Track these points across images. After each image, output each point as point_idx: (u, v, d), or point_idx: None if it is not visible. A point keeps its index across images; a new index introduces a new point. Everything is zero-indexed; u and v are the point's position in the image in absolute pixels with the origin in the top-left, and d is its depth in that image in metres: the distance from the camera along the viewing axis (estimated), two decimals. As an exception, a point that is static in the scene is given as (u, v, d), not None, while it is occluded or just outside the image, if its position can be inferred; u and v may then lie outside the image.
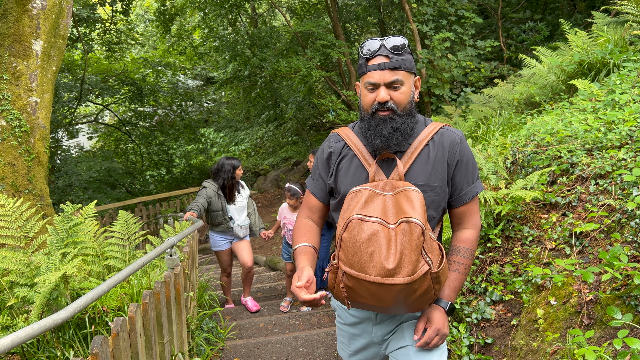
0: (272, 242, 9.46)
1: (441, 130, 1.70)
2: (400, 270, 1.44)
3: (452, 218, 1.79)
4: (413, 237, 1.45)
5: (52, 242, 3.05)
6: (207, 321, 3.93)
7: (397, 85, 1.58)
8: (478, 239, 1.78)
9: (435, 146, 1.67)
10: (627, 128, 3.23)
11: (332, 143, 1.78)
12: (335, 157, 1.75)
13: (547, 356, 2.51)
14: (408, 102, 1.62)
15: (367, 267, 1.45)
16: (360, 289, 1.49)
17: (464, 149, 1.69)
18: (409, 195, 1.53)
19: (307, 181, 1.89)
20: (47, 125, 5.79)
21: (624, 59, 4.64)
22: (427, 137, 1.67)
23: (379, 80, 1.57)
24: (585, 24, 8.49)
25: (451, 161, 1.67)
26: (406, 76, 1.60)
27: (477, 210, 1.76)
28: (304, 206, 1.88)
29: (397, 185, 1.57)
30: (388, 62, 1.57)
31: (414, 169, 1.65)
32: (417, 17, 9.72)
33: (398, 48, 1.58)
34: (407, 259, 1.44)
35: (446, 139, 1.68)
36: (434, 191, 1.65)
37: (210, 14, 13.50)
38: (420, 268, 1.46)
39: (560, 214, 3.16)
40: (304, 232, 1.78)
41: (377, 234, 1.46)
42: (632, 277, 2.37)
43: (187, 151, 16.59)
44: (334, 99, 10.50)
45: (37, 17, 5.60)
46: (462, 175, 1.70)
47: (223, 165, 4.75)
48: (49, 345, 2.78)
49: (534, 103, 5.54)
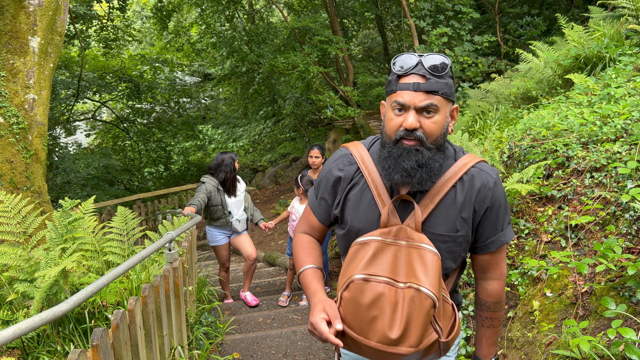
0: (271, 237, 9.49)
1: (473, 170, 1.44)
2: (404, 341, 1.28)
3: (476, 265, 1.58)
4: (422, 309, 1.28)
5: (51, 238, 3.07)
6: (206, 316, 3.95)
7: (431, 111, 1.34)
8: (504, 287, 1.60)
9: (464, 189, 1.42)
10: (622, 121, 3.25)
11: (343, 165, 1.53)
12: (345, 184, 1.51)
13: (542, 347, 2.54)
14: (440, 134, 1.36)
15: (367, 332, 1.30)
16: (359, 347, 1.35)
17: (496, 194, 1.45)
18: (423, 256, 1.33)
19: (309, 194, 1.69)
20: (44, 122, 5.79)
21: (620, 53, 4.66)
22: (455, 177, 1.42)
23: (409, 101, 1.33)
24: (582, 18, 8.50)
25: (479, 208, 1.44)
26: (443, 103, 1.35)
27: (504, 258, 1.57)
28: (304, 222, 1.69)
29: (412, 237, 1.36)
30: (424, 83, 1.33)
31: (436, 215, 1.41)
32: (414, 12, 9.72)
33: (438, 68, 1.34)
34: (413, 329, 1.28)
35: (477, 181, 1.43)
36: (456, 242, 1.43)
37: (207, 10, 13.49)
38: (427, 338, 1.30)
39: (556, 207, 3.19)
40: (308, 252, 1.61)
41: (381, 297, 1.29)
42: (626, 268, 2.39)
43: (185, 148, 16.59)
44: (332, 95, 10.51)
45: (34, 14, 5.59)
46: (490, 222, 1.47)
47: (223, 159, 4.79)
48: (49, 339, 2.80)
49: (531, 97, 5.56)
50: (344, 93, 11.15)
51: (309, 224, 1.67)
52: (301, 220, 1.71)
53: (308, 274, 1.53)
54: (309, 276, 1.52)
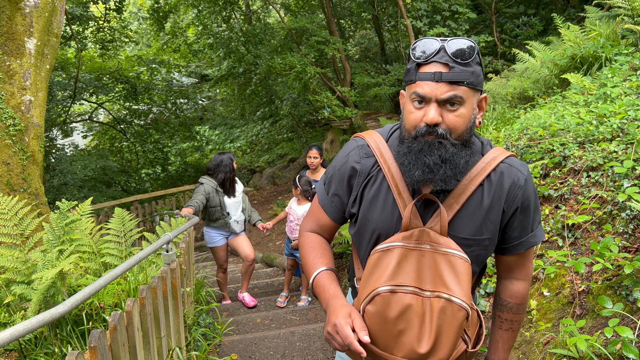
0: (269, 238, 9.48)
1: (502, 165, 1.30)
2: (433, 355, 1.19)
3: (501, 265, 1.46)
4: (455, 321, 1.18)
5: (48, 240, 3.06)
6: (204, 317, 3.95)
7: (455, 103, 1.18)
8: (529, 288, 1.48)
9: (492, 188, 1.29)
10: (618, 121, 3.27)
11: (359, 158, 1.37)
12: (362, 178, 1.36)
13: (540, 346, 2.54)
14: (466, 129, 1.21)
15: (393, 347, 1.20)
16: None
17: (528, 193, 1.31)
18: (453, 263, 1.21)
19: (318, 192, 1.53)
20: (41, 123, 5.78)
21: (616, 52, 4.68)
22: (483, 174, 1.28)
23: (430, 93, 1.17)
24: (578, 18, 8.53)
25: (508, 208, 1.31)
26: (469, 94, 1.19)
27: (532, 258, 1.45)
28: (312, 219, 1.54)
29: (437, 241, 1.24)
30: (447, 72, 1.17)
31: (461, 217, 1.28)
32: (411, 12, 9.74)
33: (464, 54, 1.18)
34: (444, 343, 1.19)
35: (507, 179, 1.29)
36: (481, 245, 1.30)
37: (204, 11, 13.48)
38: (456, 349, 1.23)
39: (553, 206, 3.20)
40: (320, 253, 1.46)
41: (409, 309, 1.19)
42: (622, 267, 2.40)
43: (182, 149, 16.56)
44: (329, 95, 10.52)
45: (30, 15, 5.58)
46: (519, 223, 1.34)
47: (222, 160, 4.79)
48: (46, 342, 2.80)
49: (528, 97, 5.58)
50: (341, 93, 11.16)
51: (317, 222, 1.52)
52: (308, 219, 1.55)
53: (323, 277, 1.39)
54: (324, 279, 1.38)
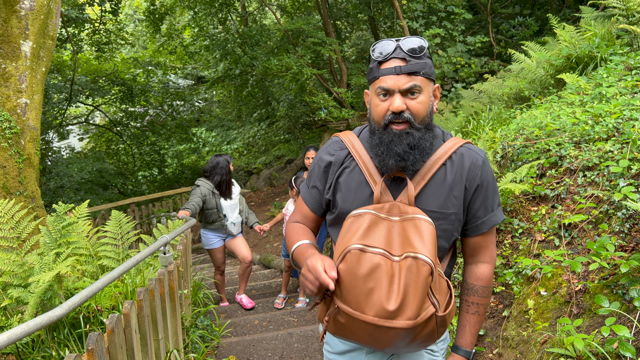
0: (266, 240, 9.47)
1: (462, 149, 1.49)
2: (401, 313, 1.25)
3: (466, 248, 1.59)
4: (420, 277, 1.26)
5: (45, 243, 3.05)
6: (202, 319, 3.95)
7: (415, 92, 1.37)
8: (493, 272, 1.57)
9: (454, 167, 1.46)
10: (613, 120, 3.28)
11: (333, 150, 1.56)
12: (336, 167, 1.54)
13: (537, 345, 2.55)
14: (427, 114, 1.40)
15: (363, 306, 1.27)
16: (354, 327, 1.31)
17: (485, 172, 1.48)
18: (418, 225, 1.33)
19: (301, 187, 1.70)
20: (37, 126, 5.76)
21: (611, 52, 4.70)
22: (445, 156, 1.46)
23: (393, 85, 1.36)
24: (574, 18, 8.56)
25: (470, 185, 1.46)
26: (425, 83, 1.39)
27: (494, 241, 1.57)
28: (296, 213, 1.69)
29: (406, 211, 1.37)
30: (405, 65, 1.36)
31: (427, 192, 1.43)
32: (407, 13, 9.76)
33: (416, 50, 1.38)
34: (411, 300, 1.25)
35: (467, 160, 1.47)
36: (447, 219, 1.44)
37: (200, 12, 13.47)
38: (425, 311, 1.28)
39: (549, 206, 3.21)
40: (301, 233, 1.59)
41: (378, 268, 1.27)
42: (619, 266, 2.41)
43: (179, 151, 16.54)
44: (326, 97, 10.53)
45: (26, 18, 5.57)
46: (481, 201, 1.49)
47: (218, 162, 4.79)
48: (44, 345, 2.79)
49: (523, 97, 5.59)
50: (337, 95, 11.16)
51: (301, 214, 1.67)
52: (293, 213, 1.71)
53: (302, 247, 1.50)
54: (304, 248, 1.50)
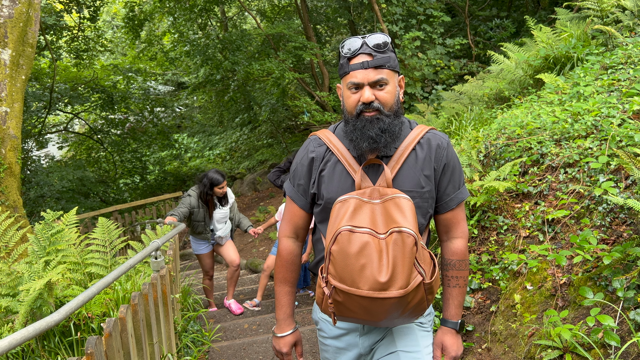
0: (252, 244, 9.46)
1: (428, 134, 1.64)
2: (393, 283, 1.37)
3: (439, 226, 1.72)
4: (406, 248, 1.39)
5: (33, 251, 3.03)
6: (192, 324, 3.94)
7: (382, 84, 1.51)
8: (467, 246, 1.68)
9: (423, 150, 1.61)
10: (592, 118, 3.38)
11: (313, 147, 1.68)
12: (318, 162, 1.65)
13: (525, 338, 2.62)
14: (394, 102, 1.55)
15: (358, 281, 1.38)
16: (351, 303, 1.42)
17: (450, 154, 1.64)
18: (398, 203, 1.46)
19: (285, 187, 1.78)
20: (18, 135, 5.69)
21: (587, 52, 4.83)
22: (414, 141, 1.60)
23: (362, 79, 1.50)
24: (549, 20, 8.75)
25: (438, 166, 1.61)
26: (390, 75, 1.54)
27: (464, 217, 1.71)
28: (287, 219, 1.76)
29: (385, 193, 1.50)
30: (371, 60, 1.50)
31: (402, 174, 1.58)
32: (386, 17, 9.86)
33: (381, 46, 1.52)
34: (400, 270, 1.37)
35: (433, 143, 1.62)
36: (422, 197, 1.59)
37: (179, 18, 13.41)
38: (413, 279, 1.40)
39: (532, 202, 3.29)
40: (290, 270, 1.74)
41: (367, 246, 1.39)
42: (601, 258, 2.49)
43: (161, 157, 16.39)
44: (308, 100, 10.56)
45: (5, 26, 5.51)
46: (448, 180, 1.64)
47: (204, 177, 4.73)
48: (34, 354, 2.76)
49: (504, 98, 5.71)
50: (320, 98, 11.21)
51: (291, 218, 1.75)
52: (283, 219, 1.77)
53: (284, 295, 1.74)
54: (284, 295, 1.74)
